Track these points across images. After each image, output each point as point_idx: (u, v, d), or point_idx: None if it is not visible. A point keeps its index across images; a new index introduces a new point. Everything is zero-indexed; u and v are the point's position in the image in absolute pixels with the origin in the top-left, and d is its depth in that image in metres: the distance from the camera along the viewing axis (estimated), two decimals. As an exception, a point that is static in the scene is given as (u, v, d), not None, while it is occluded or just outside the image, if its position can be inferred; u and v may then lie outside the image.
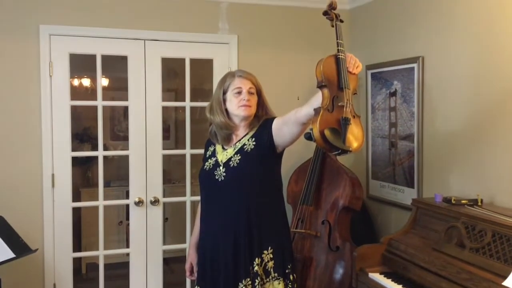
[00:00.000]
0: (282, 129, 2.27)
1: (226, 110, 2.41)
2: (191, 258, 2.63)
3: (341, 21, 2.16)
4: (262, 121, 2.41)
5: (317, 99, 2.04)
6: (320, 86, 1.98)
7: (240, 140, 2.39)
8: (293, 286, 2.37)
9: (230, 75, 2.44)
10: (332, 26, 2.14)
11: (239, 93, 2.36)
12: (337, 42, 2.03)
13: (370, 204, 3.73)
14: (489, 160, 2.65)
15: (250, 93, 2.37)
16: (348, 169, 3.40)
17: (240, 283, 2.28)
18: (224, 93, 2.41)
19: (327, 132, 1.84)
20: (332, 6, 2.13)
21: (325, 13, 2.15)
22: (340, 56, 2.00)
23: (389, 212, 3.53)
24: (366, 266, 2.66)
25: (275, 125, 2.31)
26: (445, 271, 2.28)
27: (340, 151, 1.87)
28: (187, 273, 2.66)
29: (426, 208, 2.72)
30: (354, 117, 1.94)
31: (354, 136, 1.91)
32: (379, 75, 3.55)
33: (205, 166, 2.44)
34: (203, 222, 2.46)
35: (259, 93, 2.43)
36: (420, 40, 3.15)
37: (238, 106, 2.35)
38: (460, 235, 2.33)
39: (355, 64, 2.04)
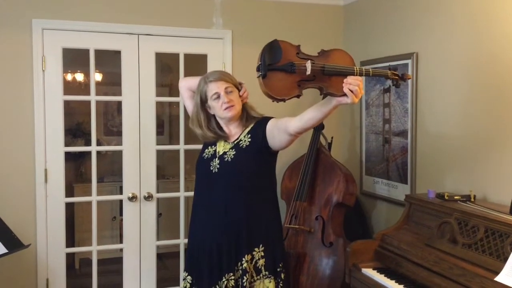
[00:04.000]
0: (273, 132, 2.28)
1: (213, 116, 2.42)
2: None
3: (399, 85, 2.05)
4: (260, 118, 2.41)
5: (308, 113, 2.08)
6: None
7: (239, 137, 2.40)
8: (284, 285, 2.38)
9: (203, 84, 2.41)
10: (393, 85, 2.05)
11: (218, 97, 2.36)
12: (372, 70, 1.94)
13: (364, 200, 3.74)
14: (482, 156, 2.66)
15: (228, 92, 2.36)
16: (342, 165, 3.41)
17: (223, 277, 2.29)
18: (204, 103, 2.41)
19: (272, 44, 1.89)
20: (403, 78, 2.01)
21: (392, 77, 1.98)
22: (356, 69, 1.89)
23: (382, 208, 3.54)
24: (359, 262, 2.67)
25: (269, 126, 2.32)
26: (437, 266, 2.29)
27: (259, 64, 1.89)
28: None
29: (419, 204, 2.73)
30: (300, 82, 1.88)
31: (279, 79, 1.87)
32: (373, 71, 3.55)
33: (204, 154, 2.45)
34: (194, 209, 2.47)
35: (237, 87, 2.43)
36: (414, 36, 3.16)
37: (222, 110, 2.35)
38: (453, 231, 2.34)
39: (354, 85, 1.83)
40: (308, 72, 1.86)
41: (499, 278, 1.99)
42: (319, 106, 2.06)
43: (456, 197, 2.58)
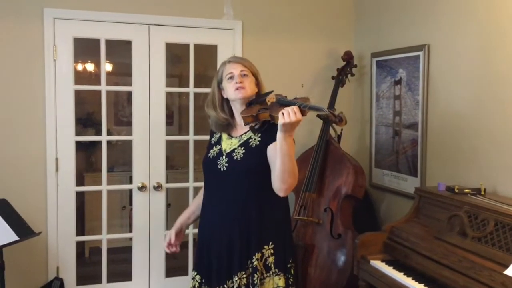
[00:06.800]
0: (270, 159, 2.27)
1: (227, 100, 2.41)
2: (169, 235, 2.57)
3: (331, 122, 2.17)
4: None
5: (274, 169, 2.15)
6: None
7: (246, 132, 2.38)
8: (294, 281, 2.37)
9: (222, 65, 2.44)
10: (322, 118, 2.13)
11: (232, 77, 2.36)
12: (310, 106, 2.03)
13: (373, 193, 3.73)
14: (493, 149, 2.64)
15: (242, 75, 2.35)
16: (351, 157, 3.40)
17: (235, 276, 2.27)
18: (220, 83, 2.41)
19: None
20: (335, 117, 1.98)
21: (329, 112, 1.98)
22: (298, 102, 2.07)
23: (391, 200, 3.54)
24: (368, 254, 2.67)
25: (269, 151, 2.28)
26: (446, 259, 2.29)
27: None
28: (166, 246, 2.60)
29: (428, 196, 2.72)
30: (261, 109, 2.24)
31: (253, 107, 2.30)
32: (384, 63, 3.53)
33: (209, 154, 2.44)
34: (203, 208, 2.46)
35: (256, 76, 2.42)
36: (426, 28, 3.13)
37: (233, 90, 2.35)
38: (463, 224, 2.33)
39: (288, 109, 2.01)
40: (269, 101, 2.23)
41: (508, 272, 1.98)
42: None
43: (466, 190, 2.57)
